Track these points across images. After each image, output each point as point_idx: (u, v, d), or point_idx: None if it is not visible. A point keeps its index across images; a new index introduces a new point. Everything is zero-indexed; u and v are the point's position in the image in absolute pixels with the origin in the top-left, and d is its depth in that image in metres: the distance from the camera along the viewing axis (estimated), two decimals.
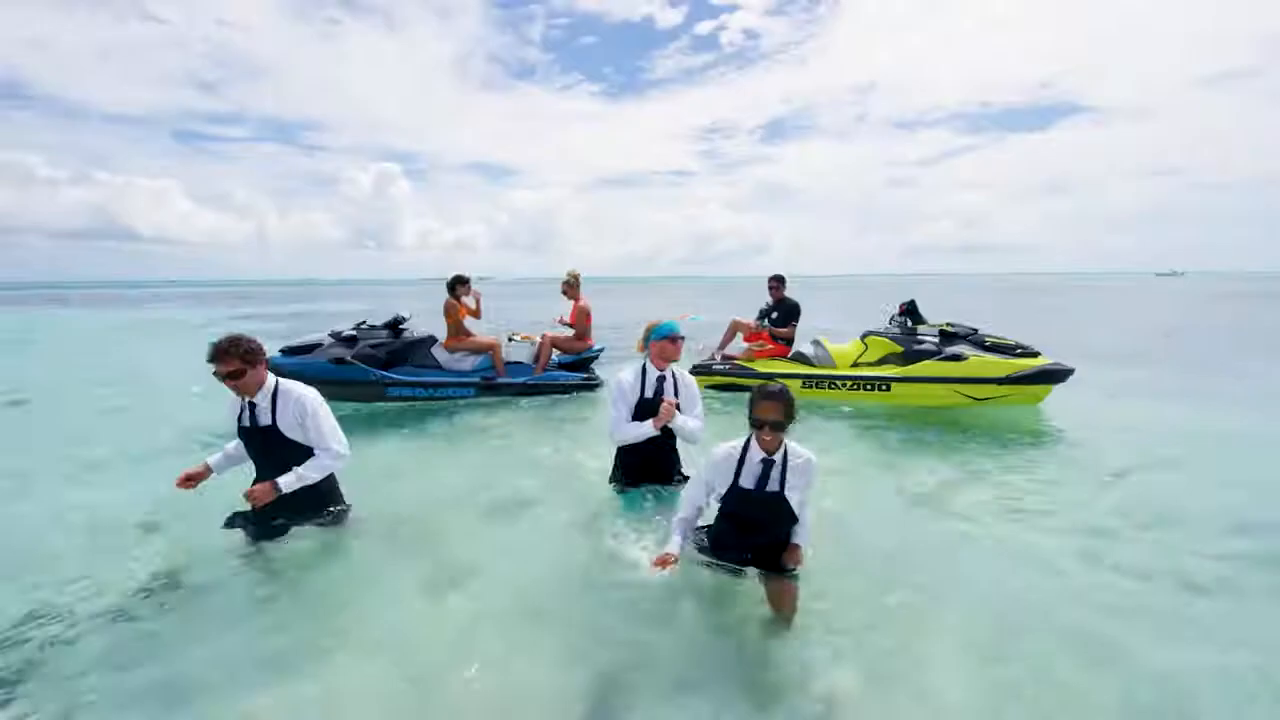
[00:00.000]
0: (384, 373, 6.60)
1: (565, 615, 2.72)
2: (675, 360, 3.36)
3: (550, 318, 8.05)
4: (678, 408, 3.26)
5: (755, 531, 2.64)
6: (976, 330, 6.20)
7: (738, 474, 2.55)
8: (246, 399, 2.91)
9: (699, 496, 2.72)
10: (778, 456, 2.49)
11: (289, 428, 2.92)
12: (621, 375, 3.36)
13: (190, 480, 2.94)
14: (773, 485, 2.51)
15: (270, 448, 2.95)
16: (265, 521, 3.08)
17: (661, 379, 3.33)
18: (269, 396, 2.90)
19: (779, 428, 2.41)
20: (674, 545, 2.63)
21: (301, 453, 2.96)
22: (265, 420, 2.91)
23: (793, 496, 2.52)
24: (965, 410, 6.02)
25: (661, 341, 3.30)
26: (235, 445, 3.13)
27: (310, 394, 2.97)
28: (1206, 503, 3.86)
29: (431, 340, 6.96)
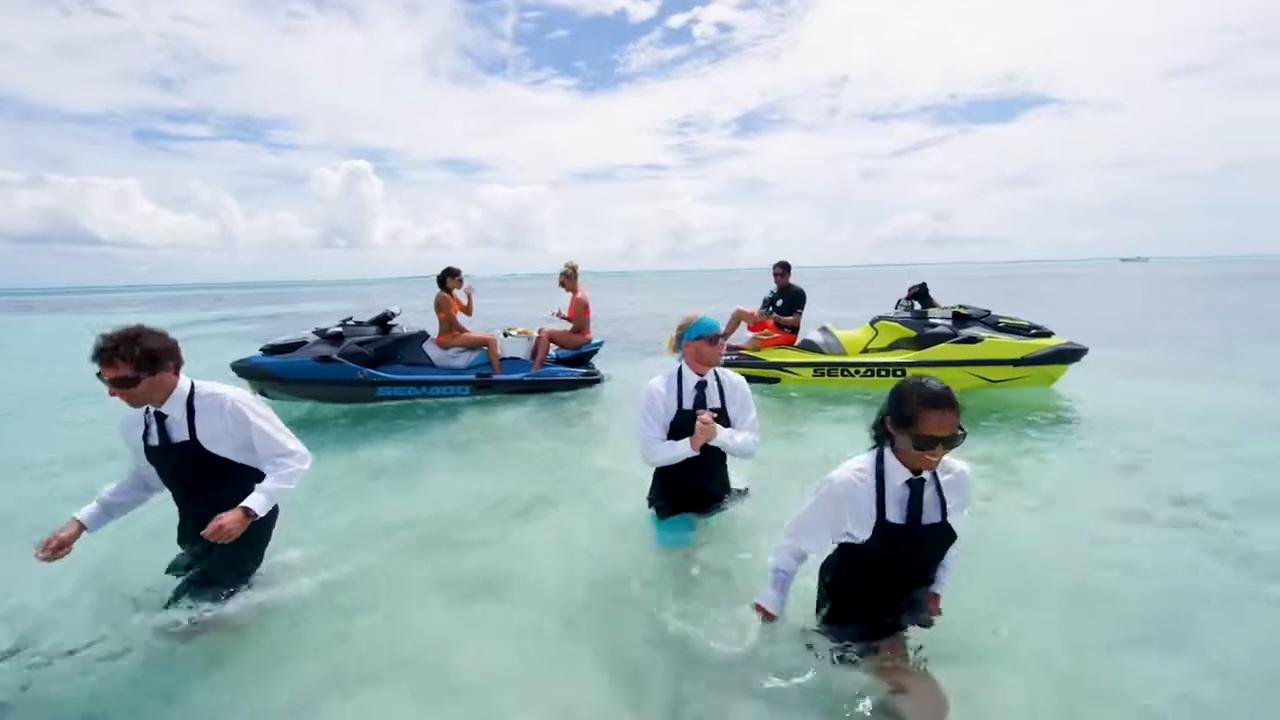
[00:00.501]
0: (373, 371, 6.25)
1: (603, 628, 2.45)
2: (716, 363, 2.83)
3: (541, 313, 7.73)
4: (725, 420, 2.78)
5: (911, 581, 1.98)
6: (989, 312, 6.07)
7: (880, 506, 1.84)
8: (152, 409, 2.26)
9: (812, 542, 2.02)
10: (928, 473, 1.82)
11: (214, 441, 2.30)
12: (652, 383, 2.82)
13: (60, 548, 2.19)
14: (931, 514, 1.84)
15: (191, 470, 2.32)
16: (209, 564, 2.43)
17: (702, 385, 2.79)
18: (183, 404, 2.27)
19: (954, 443, 1.72)
20: (772, 602, 2.05)
21: (235, 472, 2.35)
22: (181, 435, 2.27)
23: (956, 525, 1.89)
24: (978, 393, 5.88)
25: (697, 342, 2.76)
26: (116, 488, 2.47)
27: (242, 396, 2.36)
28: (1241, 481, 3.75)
29: (423, 336, 6.62)
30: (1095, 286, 30.30)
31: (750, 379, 6.59)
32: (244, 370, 6.15)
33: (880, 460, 1.85)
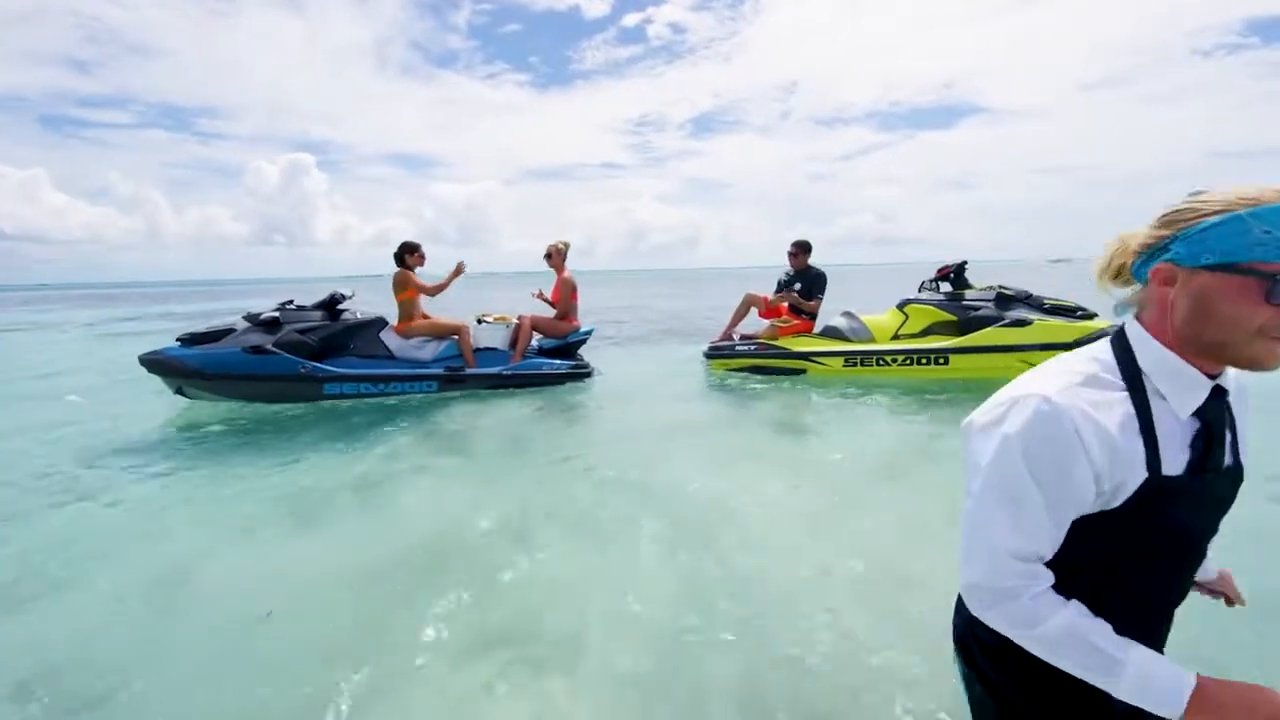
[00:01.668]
0: (318, 364, 5.13)
1: (672, 694, 1.59)
2: (1270, 364, 0.77)
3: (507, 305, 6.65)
4: (1238, 475, 0.87)
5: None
6: (1030, 294, 5.46)
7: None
8: None
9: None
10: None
11: None
12: (1046, 391, 0.79)
13: None
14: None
15: None
16: None
17: (1221, 401, 0.82)
18: None
19: None
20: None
21: None
22: None
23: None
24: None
25: (1224, 277, 0.74)
26: None
27: None
28: None
29: (380, 323, 5.54)
30: (1042, 280, 31.13)
31: (773, 371, 5.97)
32: (156, 364, 4.94)
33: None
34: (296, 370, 5.02)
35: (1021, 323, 5.13)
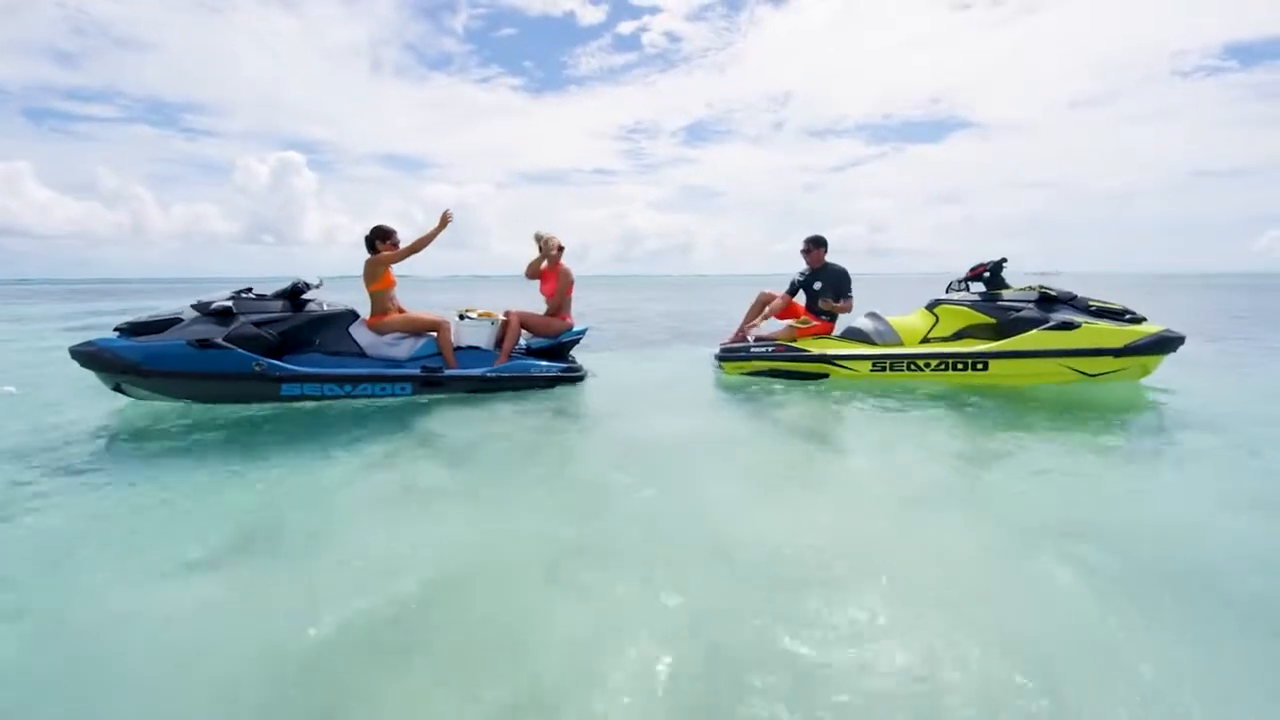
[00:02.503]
0: (275, 361, 4.51)
1: None
2: None
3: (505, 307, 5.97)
4: None
5: None
6: (1075, 295, 4.95)
7: None
8: None
9: None
10: None
11: None
12: None
13: None
14: None
15: None
16: None
17: None
18: None
19: None
20: None
21: None
22: None
23: None
24: (1070, 389, 4.74)
25: None
26: None
27: None
28: None
29: (351, 316, 4.92)
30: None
31: (793, 375, 5.18)
32: (87, 357, 4.30)
33: None
34: (250, 368, 4.40)
35: (1068, 325, 4.62)
